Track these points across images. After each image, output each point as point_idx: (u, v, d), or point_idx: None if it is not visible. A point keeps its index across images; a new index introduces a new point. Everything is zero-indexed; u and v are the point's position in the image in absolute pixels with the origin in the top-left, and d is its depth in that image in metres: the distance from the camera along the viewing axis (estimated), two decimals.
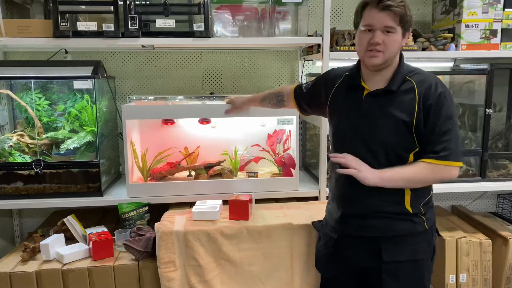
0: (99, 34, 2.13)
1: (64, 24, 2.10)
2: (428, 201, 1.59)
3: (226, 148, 2.42)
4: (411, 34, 2.46)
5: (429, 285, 1.63)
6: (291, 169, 2.36)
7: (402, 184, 1.50)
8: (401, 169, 1.48)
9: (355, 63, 1.66)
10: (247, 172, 2.42)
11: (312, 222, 1.89)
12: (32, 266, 1.90)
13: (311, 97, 1.81)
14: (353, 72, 1.62)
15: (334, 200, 1.68)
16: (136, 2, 2.14)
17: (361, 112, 1.54)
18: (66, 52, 2.50)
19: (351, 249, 1.63)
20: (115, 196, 2.27)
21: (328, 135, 1.75)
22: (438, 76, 1.57)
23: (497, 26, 2.39)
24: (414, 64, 1.60)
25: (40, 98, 2.33)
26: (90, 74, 2.17)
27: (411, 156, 1.51)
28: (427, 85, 1.48)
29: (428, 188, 1.59)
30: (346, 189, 1.60)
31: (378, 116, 1.51)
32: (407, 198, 1.53)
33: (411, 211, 1.53)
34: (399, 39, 1.47)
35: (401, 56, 1.56)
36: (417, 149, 1.50)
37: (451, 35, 2.43)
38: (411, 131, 1.47)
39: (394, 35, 1.45)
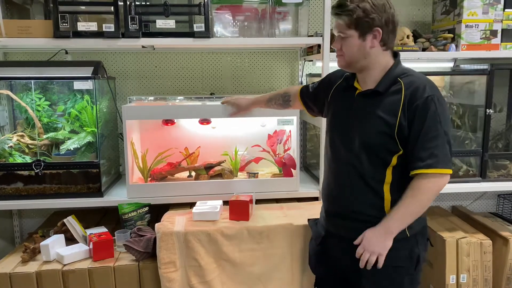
0: (99, 34, 2.13)
1: (64, 24, 2.10)
2: None
3: (226, 149, 2.42)
4: (412, 33, 2.45)
5: None
6: (292, 169, 2.36)
7: (413, 217, 1.46)
8: (399, 209, 1.45)
9: None
10: (247, 173, 2.42)
11: (308, 219, 1.89)
12: (32, 267, 1.90)
13: (316, 96, 1.83)
14: (350, 73, 1.63)
15: (322, 198, 1.72)
16: (136, 3, 2.14)
17: (352, 112, 1.55)
18: (66, 52, 2.50)
19: (334, 249, 1.64)
20: (115, 197, 2.27)
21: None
22: (438, 76, 1.55)
23: (497, 27, 2.39)
24: (414, 65, 1.60)
25: (40, 98, 2.33)
26: (90, 75, 2.16)
27: (394, 159, 1.47)
28: (415, 87, 1.44)
29: None
30: (331, 188, 1.62)
31: (364, 116, 1.51)
32: (387, 203, 1.50)
33: None
34: (355, 43, 1.47)
35: (397, 56, 1.55)
36: (401, 152, 1.46)
37: (451, 35, 2.43)
38: (393, 133, 1.44)
39: (349, 39, 1.47)
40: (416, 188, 1.44)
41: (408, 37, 2.41)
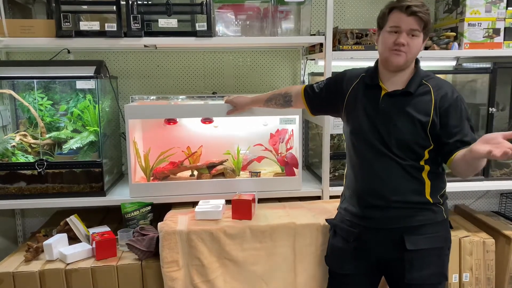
0: (101, 34, 2.13)
1: (66, 24, 2.10)
2: (444, 192, 1.69)
3: (228, 148, 2.42)
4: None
5: (447, 274, 1.69)
6: (294, 168, 2.36)
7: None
8: None
9: (367, 65, 1.74)
10: (249, 172, 2.42)
11: (326, 219, 1.90)
12: (35, 266, 1.90)
13: (325, 97, 1.85)
14: (371, 72, 1.69)
15: (354, 196, 1.72)
16: (139, 2, 2.14)
17: (379, 111, 1.62)
18: (69, 52, 2.50)
19: (373, 242, 1.68)
20: (118, 196, 2.27)
21: (343, 134, 1.82)
22: (441, 75, 1.65)
23: (500, 25, 2.38)
24: None
25: (42, 98, 2.33)
26: (92, 74, 2.17)
27: (426, 153, 1.59)
28: (444, 91, 1.58)
29: (444, 179, 1.69)
30: (370, 184, 1.66)
31: (395, 115, 1.59)
32: (427, 189, 1.61)
33: (431, 201, 1.62)
34: (420, 43, 1.58)
35: (417, 61, 1.66)
36: (432, 146, 1.58)
37: (454, 34, 2.43)
38: (425, 131, 1.56)
39: (417, 39, 1.56)
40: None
41: None
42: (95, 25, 2.12)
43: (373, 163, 1.63)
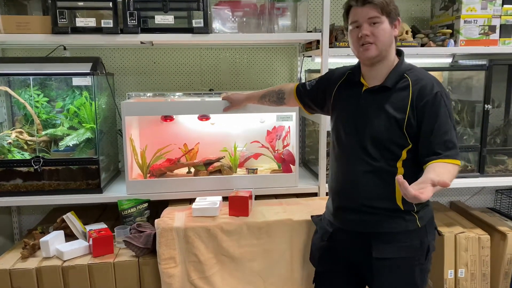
0: (97, 30, 2.12)
1: (62, 20, 2.09)
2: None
3: (225, 145, 2.43)
4: (411, 28, 2.45)
5: (422, 284, 1.60)
6: (291, 165, 2.36)
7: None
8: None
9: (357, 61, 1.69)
10: (246, 169, 2.42)
11: (311, 216, 1.91)
12: (32, 263, 1.90)
13: (315, 94, 1.83)
14: (355, 69, 1.65)
15: (331, 195, 1.72)
16: None
17: (359, 108, 1.57)
18: (65, 48, 2.50)
19: (344, 243, 1.65)
20: (115, 193, 2.27)
21: (330, 131, 1.80)
22: (437, 72, 1.60)
23: (496, 22, 2.39)
24: (413, 60, 1.63)
25: (38, 95, 2.32)
26: (89, 71, 2.16)
27: (404, 153, 1.51)
28: (422, 84, 1.48)
29: None
30: (342, 184, 1.63)
31: (372, 112, 1.53)
32: (398, 195, 1.51)
33: (402, 208, 1.53)
34: (387, 28, 1.49)
35: (401, 53, 1.59)
36: (410, 146, 1.50)
37: (450, 31, 2.44)
38: (401, 129, 1.48)
39: (381, 25, 1.48)
40: (447, 167, 1.40)
41: (407, 32, 2.41)
42: (91, 22, 2.11)
43: (346, 163, 1.60)
